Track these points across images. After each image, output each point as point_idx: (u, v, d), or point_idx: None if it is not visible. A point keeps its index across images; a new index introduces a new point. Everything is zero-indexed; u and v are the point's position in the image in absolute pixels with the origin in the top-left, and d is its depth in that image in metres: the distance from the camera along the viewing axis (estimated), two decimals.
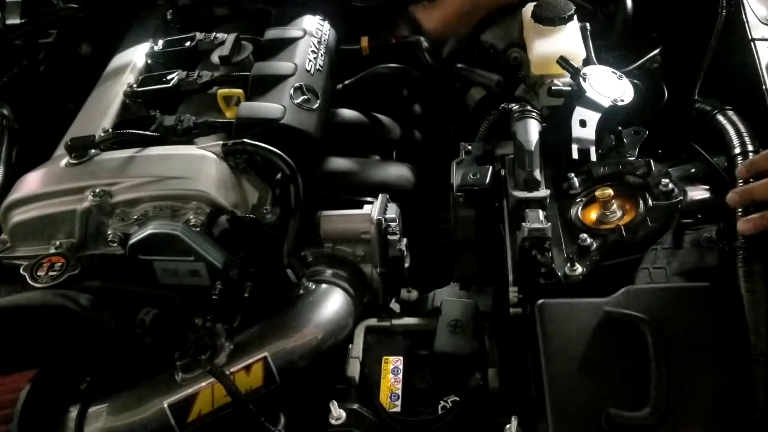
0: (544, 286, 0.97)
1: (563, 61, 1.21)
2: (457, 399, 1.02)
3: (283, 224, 1.10)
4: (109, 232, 1.06)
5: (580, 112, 1.13)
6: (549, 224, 1.00)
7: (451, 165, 1.22)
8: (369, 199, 1.20)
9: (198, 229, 1.03)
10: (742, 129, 1.00)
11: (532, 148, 1.10)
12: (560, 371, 0.85)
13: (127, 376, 0.99)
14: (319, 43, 1.42)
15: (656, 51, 1.37)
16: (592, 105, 1.13)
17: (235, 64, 1.35)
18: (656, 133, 1.16)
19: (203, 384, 0.94)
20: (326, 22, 1.50)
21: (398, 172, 1.35)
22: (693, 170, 1.09)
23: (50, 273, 1.00)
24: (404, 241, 1.16)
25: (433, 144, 1.51)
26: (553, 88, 1.21)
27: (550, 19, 1.32)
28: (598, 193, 1.03)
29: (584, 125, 1.12)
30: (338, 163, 1.32)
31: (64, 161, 1.14)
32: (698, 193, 1.04)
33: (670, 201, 1.01)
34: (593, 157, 1.09)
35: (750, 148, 0.97)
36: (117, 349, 0.98)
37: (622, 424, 0.78)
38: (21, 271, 1.01)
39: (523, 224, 1.01)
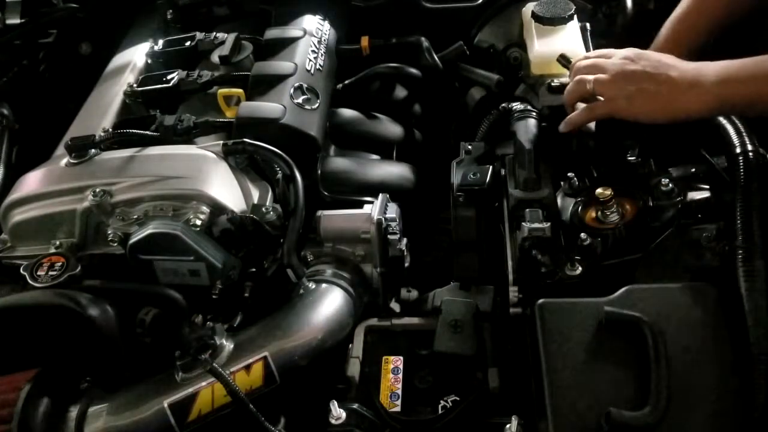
0: (544, 286, 0.97)
1: (563, 59, 1.21)
2: (457, 399, 1.02)
3: (283, 224, 1.10)
4: (109, 232, 1.06)
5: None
6: (549, 224, 1.00)
7: (451, 165, 1.22)
8: (369, 199, 1.20)
9: (198, 228, 1.03)
10: (742, 128, 1.00)
11: (532, 148, 1.10)
12: (560, 371, 0.85)
13: (128, 376, 0.99)
14: (319, 42, 1.42)
15: None
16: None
17: (235, 64, 1.35)
18: (656, 133, 1.16)
19: (203, 384, 0.94)
20: (326, 22, 1.50)
21: (398, 171, 1.35)
22: (693, 170, 1.09)
23: (50, 273, 1.00)
24: (404, 241, 1.16)
25: (433, 144, 1.51)
26: (552, 84, 1.21)
27: (550, 19, 1.32)
28: (598, 192, 1.03)
29: None
30: (338, 163, 1.32)
31: (64, 161, 1.14)
32: (698, 193, 1.04)
33: (670, 201, 1.01)
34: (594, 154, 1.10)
35: (750, 147, 0.97)
36: (118, 348, 0.98)
37: (622, 423, 0.78)
38: (21, 271, 1.01)
39: (523, 224, 1.01)
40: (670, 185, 1.02)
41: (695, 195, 1.04)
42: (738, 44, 1.16)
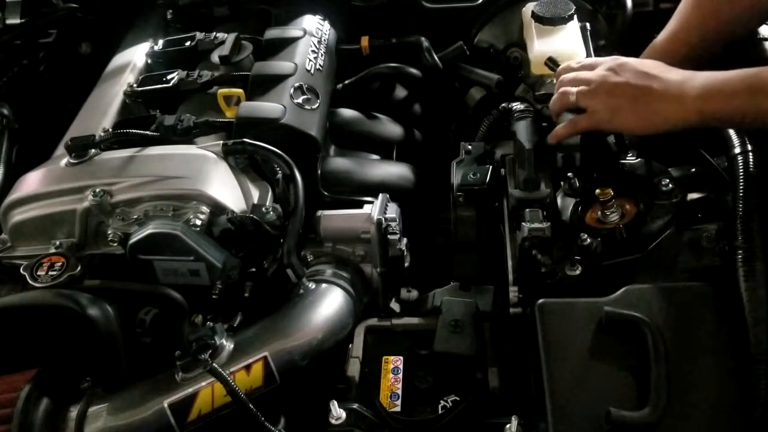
0: (544, 286, 0.97)
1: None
2: (457, 399, 1.02)
3: (283, 224, 1.10)
4: (109, 232, 1.06)
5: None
6: (549, 224, 1.00)
7: (451, 165, 1.22)
8: (369, 199, 1.20)
9: (198, 228, 1.03)
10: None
11: (532, 148, 1.11)
12: (560, 371, 0.85)
13: (128, 376, 0.99)
14: (319, 42, 1.42)
15: None
16: None
17: (235, 64, 1.34)
18: (656, 133, 1.16)
19: (203, 384, 0.94)
20: (326, 22, 1.50)
21: (398, 171, 1.35)
22: (693, 170, 1.09)
23: (50, 273, 1.00)
24: (404, 241, 1.16)
25: (433, 144, 1.51)
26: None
27: (550, 19, 1.32)
28: (598, 192, 1.03)
29: None
30: (338, 163, 1.32)
31: (64, 161, 1.14)
32: (698, 193, 1.04)
33: (670, 201, 1.01)
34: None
35: (750, 147, 0.97)
36: (118, 348, 0.98)
37: (622, 423, 0.78)
38: (21, 271, 1.01)
39: (523, 224, 1.01)
40: (670, 185, 1.02)
41: (695, 195, 1.04)
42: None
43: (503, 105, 1.25)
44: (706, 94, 0.96)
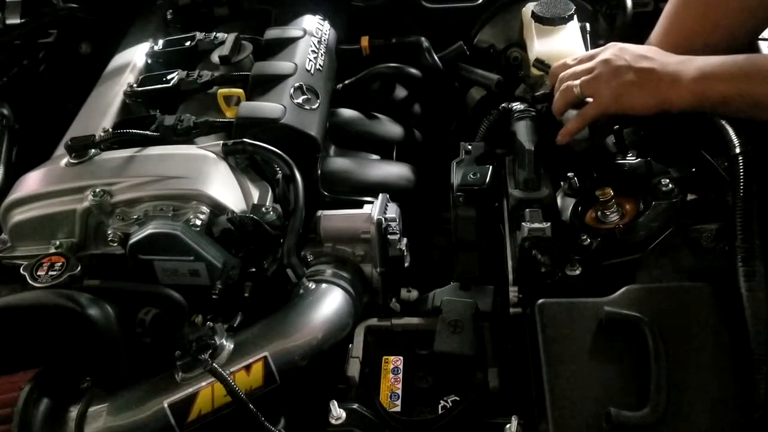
0: (544, 286, 0.97)
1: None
2: (457, 399, 1.02)
3: (283, 224, 1.10)
4: (109, 232, 1.06)
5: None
6: (549, 224, 1.00)
7: (451, 165, 1.22)
8: (369, 199, 1.20)
9: (198, 228, 1.03)
10: (742, 129, 1.00)
11: (532, 148, 1.11)
12: (560, 371, 0.85)
13: (128, 376, 0.99)
14: (319, 42, 1.42)
15: None
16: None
17: (235, 64, 1.35)
18: (656, 133, 1.16)
19: (203, 384, 0.94)
20: (326, 22, 1.50)
21: (398, 171, 1.35)
22: (693, 170, 1.09)
23: (50, 273, 1.00)
24: (404, 241, 1.16)
25: (433, 144, 1.51)
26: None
27: (550, 19, 1.32)
28: (598, 192, 1.03)
29: None
30: (338, 163, 1.32)
31: (64, 161, 1.14)
32: (698, 193, 1.04)
33: (670, 201, 1.01)
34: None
35: (750, 147, 0.97)
36: (118, 348, 0.98)
37: (622, 423, 0.78)
38: (21, 271, 1.01)
39: (523, 224, 1.01)
40: (670, 185, 1.02)
41: (695, 195, 1.04)
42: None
43: (503, 105, 1.25)
44: (702, 76, 0.98)
